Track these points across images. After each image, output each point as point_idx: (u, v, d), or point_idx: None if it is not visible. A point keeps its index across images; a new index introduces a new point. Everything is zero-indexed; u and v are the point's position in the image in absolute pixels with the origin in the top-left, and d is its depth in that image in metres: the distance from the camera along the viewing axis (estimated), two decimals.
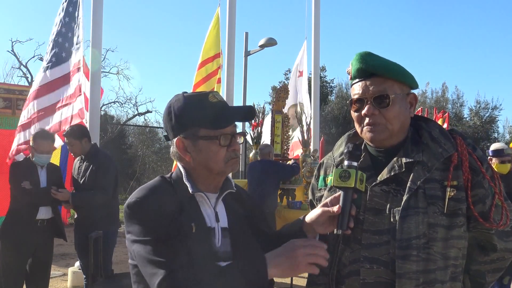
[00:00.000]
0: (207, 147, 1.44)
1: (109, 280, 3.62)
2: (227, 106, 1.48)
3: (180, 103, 1.46)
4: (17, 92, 8.83)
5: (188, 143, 1.46)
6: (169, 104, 1.49)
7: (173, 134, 1.48)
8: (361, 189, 1.41)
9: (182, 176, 1.47)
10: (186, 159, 1.48)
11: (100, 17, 5.87)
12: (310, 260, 1.31)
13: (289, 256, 1.31)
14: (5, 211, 4.04)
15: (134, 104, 23.24)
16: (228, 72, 7.04)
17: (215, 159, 1.45)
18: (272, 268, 1.31)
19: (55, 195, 3.93)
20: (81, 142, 4.16)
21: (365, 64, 1.48)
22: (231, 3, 7.09)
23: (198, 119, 1.43)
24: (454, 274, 1.42)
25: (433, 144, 1.48)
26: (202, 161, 1.46)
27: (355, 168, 1.42)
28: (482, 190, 1.44)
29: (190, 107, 1.45)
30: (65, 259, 7.13)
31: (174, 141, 1.48)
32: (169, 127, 1.49)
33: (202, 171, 1.48)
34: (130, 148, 22.43)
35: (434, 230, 1.39)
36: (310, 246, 1.32)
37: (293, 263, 1.31)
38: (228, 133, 1.45)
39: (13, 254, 3.87)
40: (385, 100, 1.46)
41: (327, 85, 24.57)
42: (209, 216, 1.46)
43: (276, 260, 1.32)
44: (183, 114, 1.45)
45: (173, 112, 1.47)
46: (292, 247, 1.33)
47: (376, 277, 1.41)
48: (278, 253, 1.34)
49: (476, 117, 22.11)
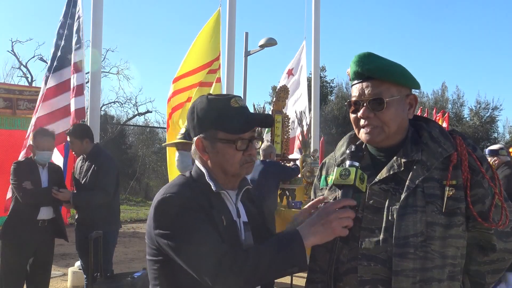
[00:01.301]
0: (224, 150, 1.50)
1: (109, 280, 3.62)
2: (247, 112, 1.53)
3: (203, 105, 1.52)
4: (17, 92, 8.82)
5: (207, 143, 1.52)
6: (193, 104, 1.55)
7: (194, 133, 1.55)
8: (362, 189, 1.42)
9: (204, 175, 1.53)
10: (203, 158, 1.54)
11: (100, 17, 5.87)
12: (343, 223, 1.38)
13: (324, 223, 1.38)
14: (6, 211, 4.04)
15: (134, 104, 23.30)
16: (228, 72, 7.03)
17: (231, 161, 1.51)
18: (311, 237, 1.38)
19: (56, 195, 3.93)
20: (82, 141, 4.16)
21: (361, 68, 1.48)
22: (231, 3, 7.09)
23: (218, 122, 1.49)
24: (452, 273, 1.42)
25: (432, 143, 1.48)
26: (218, 162, 1.52)
27: (356, 167, 1.43)
28: (481, 190, 1.44)
29: (212, 110, 1.50)
30: (65, 259, 7.13)
31: (195, 140, 1.54)
32: (191, 126, 1.56)
33: (218, 171, 1.54)
34: (130, 148, 22.45)
35: (432, 229, 1.39)
36: (341, 210, 1.38)
37: (328, 229, 1.38)
38: (246, 138, 1.51)
39: (14, 254, 3.87)
40: (380, 104, 1.46)
41: (327, 85, 24.57)
42: (232, 211, 1.53)
43: (312, 229, 1.39)
44: (205, 116, 1.51)
45: (196, 112, 1.53)
46: (326, 214, 1.39)
47: (373, 274, 1.41)
48: (312, 222, 1.41)
49: (476, 117, 22.11)
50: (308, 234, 1.38)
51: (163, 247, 1.43)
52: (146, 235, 1.52)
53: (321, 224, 1.38)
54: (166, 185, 1.52)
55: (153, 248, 1.48)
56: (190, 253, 1.38)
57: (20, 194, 3.86)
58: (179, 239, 1.39)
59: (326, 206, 1.42)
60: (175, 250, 1.40)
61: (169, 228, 1.41)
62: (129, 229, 10.62)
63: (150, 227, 1.48)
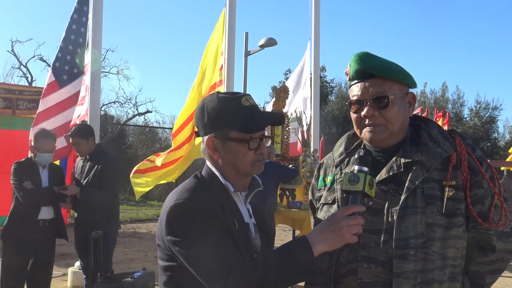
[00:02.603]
0: (236, 149, 1.49)
1: (109, 280, 3.62)
2: (258, 110, 1.52)
3: (214, 104, 1.50)
4: (17, 92, 8.81)
5: (218, 142, 1.51)
6: (203, 102, 1.54)
7: (204, 132, 1.54)
8: (371, 194, 1.40)
9: (216, 176, 1.52)
10: (214, 157, 1.53)
11: (100, 17, 5.87)
12: (353, 230, 1.35)
13: (334, 230, 1.36)
14: (6, 211, 4.04)
15: (134, 104, 23.28)
16: (228, 72, 7.03)
17: (243, 160, 1.50)
18: (320, 244, 1.36)
19: (63, 191, 3.96)
20: (87, 141, 4.17)
21: (364, 65, 1.47)
22: (231, 3, 7.09)
23: (229, 121, 1.48)
24: (453, 274, 1.41)
25: (432, 144, 1.48)
26: (229, 161, 1.51)
27: (365, 173, 1.40)
28: (481, 190, 1.44)
29: (223, 108, 1.49)
30: (65, 259, 7.13)
31: (205, 139, 1.53)
32: (201, 125, 1.54)
33: (230, 170, 1.52)
34: (130, 148, 22.42)
35: (432, 230, 1.39)
36: (351, 217, 1.36)
37: (338, 236, 1.35)
38: (257, 137, 1.50)
39: (14, 254, 3.86)
40: (384, 101, 1.46)
41: (327, 85, 24.58)
42: (243, 213, 1.53)
43: (322, 236, 1.37)
44: (216, 114, 1.49)
45: (206, 111, 1.51)
46: (336, 220, 1.36)
47: (373, 276, 1.41)
48: (322, 229, 1.38)
49: (476, 117, 22.10)
50: (317, 241, 1.36)
51: (175, 253, 1.42)
52: (158, 239, 1.50)
53: (331, 231, 1.36)
54: (178, 189, 1.50)
55: (165, 253, 1.47)
56: (200, 261, 1.37)
57: (20, 194, 3.86)
58: (190, 247, 1.38)
59: (336, 213, 1.40)
60: (186, 258, 1.39)
61: (181, 235, 1.40)
62: (129, 229, 10.61)
63: (162, 233, 1.46)
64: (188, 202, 1.42)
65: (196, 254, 1.37)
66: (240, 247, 1.41)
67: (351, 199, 1.40)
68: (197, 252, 1.37)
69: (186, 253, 1.39)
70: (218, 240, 1.37)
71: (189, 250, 1.38)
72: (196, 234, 1.38)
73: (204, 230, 1.38)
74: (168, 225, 1.42)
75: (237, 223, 1.45)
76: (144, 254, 7.80)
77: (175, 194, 1.46)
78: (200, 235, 1.37)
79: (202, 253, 1.36)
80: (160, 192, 20.10)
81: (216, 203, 1.44)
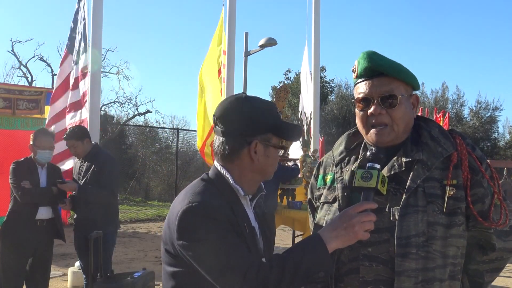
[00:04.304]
0: (274, 154, 1.52)
1: (109, 280, 3.61)
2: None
3: (253, 107, 1.47)
4: (17, 92, 8.79)
5: (261, 147, 1.48)
6: (240, 104, 1.47)
7: (244, 135, 1.46)
8: (383, 191, 1.40)
9: (225, 178, 1.49)
10: (251, 162, 1.48)
11: (100, 17, 5.87)
12: (365, 227, 1.35)
13: (347, 227, 1.35)
14: (6, 211, 4.04)
15: (134, 104, 23.26)
16: (228, 72, 7.03)
17: (274, 165, 1.54)
18: (333, 241, 1.35)
19: (61, 186, 3.96)
20: (83, 142, 4.17)
21: (374, 63, 1.47)
22: (231, 3, 7.09)
23: (275, 127, 1.49)
24: (453, 272, 1.42)
25: (432, 143, 1.48)
26: (263, 166, 1.50)
27: (378, 170, 1.40)
28: (481, 189, 1.45)
29: (264, 112, 1.48)
30: (65, 259, 7.13)
31: (252, 143, 1.46)
32: (235, 127, 1.46)
33: (255, 175, 1.51)
34: (130, 148, 22.45)
35: (433, 229, 1.39)
36: (364, 214, 1.36)
37: (350, 233, 1.34)
38: (287, 145, 1.58)
39: (13, 254, 3.86)
40: (392, 100, 1.46)
41: (327, 85, 24.59)
42: (250, 216, 1.53)
43: (334, 233, 1.36)
44: (260, 119, 1.47)
45: (248, 115, 1.46)
46: (348, 217, 1.36)
47: (375, 275, 1.41)
48: (334, 226, 1.37)
49: (476, 117, 22.10)
50: (330, 238, 1.35)
51: (187, 258, 1.40)
52: (166, 244, 1.46)
53: (343, 228, 1.35)
54: (188, 192, 1.45)
55: (173, 258, 1.44)
56: (215, 265, 1.35)
57: (18, 193, 3.86)
58: (204, 251, 1.35)
59: (348, 210, 1.38)
60: (199, 262, 1.37)
61: (194, 240, 1.36)
62: (129, 229, 10.61)
63: (171, 237, 1.42)
64: (201, 205, 1.38)
65: (210, 258, 1.35)
66: (252, 250, 1.41)
67: (363, 196, 1.39)
68: (211, 256, 1.35)
69: (200, 257, 1.36)
70: (232, 243, 1.36)
71: (202, 255, 1.36)
72: (210, 238, 1.35)
73: (218, 234, 1.35)
74: (180, 229, 1.38)
75: (247, 227, 1.45)
76: (144, 254, 7.80)
77: (186, 198, 1.42)
78: (214, 239, 1.35)
79: (217, 257, 1.34)
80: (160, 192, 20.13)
81: (228, 206, 1.43)
